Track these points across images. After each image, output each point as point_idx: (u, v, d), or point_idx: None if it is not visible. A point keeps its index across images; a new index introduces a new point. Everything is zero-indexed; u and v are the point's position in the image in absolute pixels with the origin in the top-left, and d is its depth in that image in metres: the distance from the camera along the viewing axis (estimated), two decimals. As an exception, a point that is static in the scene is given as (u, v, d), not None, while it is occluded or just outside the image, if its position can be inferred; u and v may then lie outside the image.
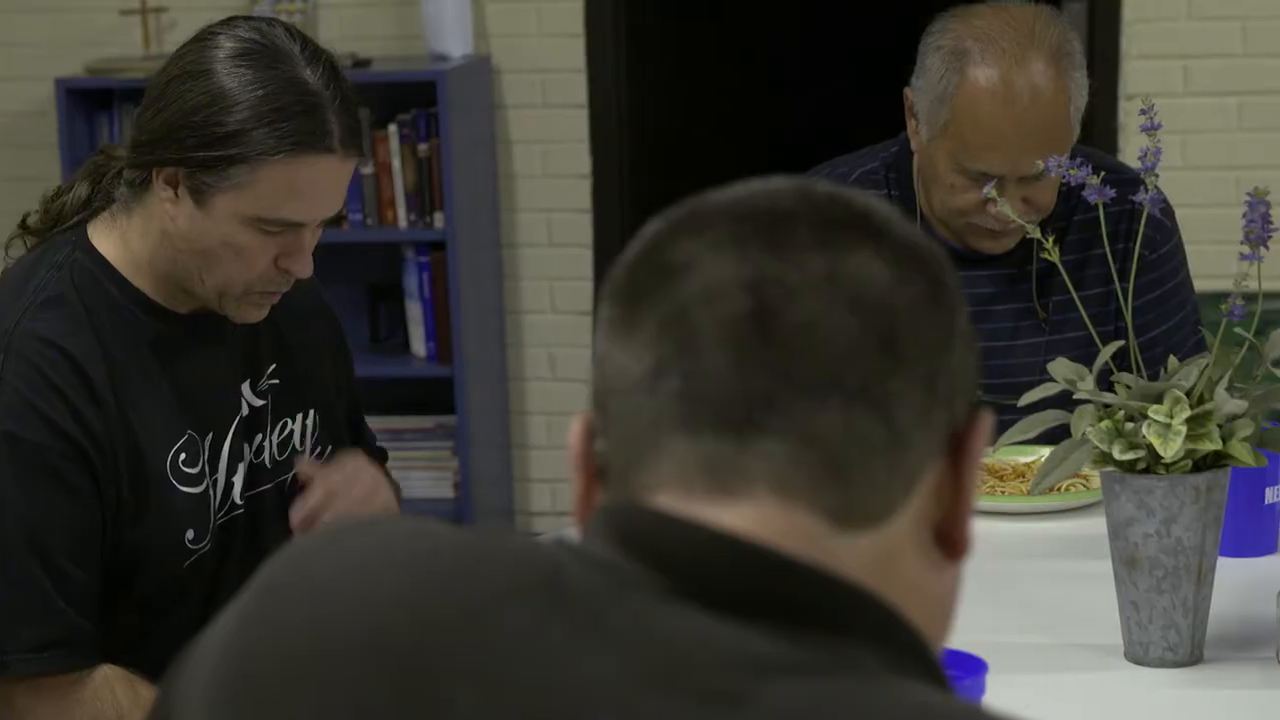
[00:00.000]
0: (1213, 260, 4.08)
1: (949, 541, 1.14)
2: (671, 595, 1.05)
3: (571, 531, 1.16)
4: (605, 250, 4.99)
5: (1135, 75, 4.77)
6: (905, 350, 1.10)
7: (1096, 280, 2.82)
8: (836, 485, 1.08)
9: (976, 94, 2.71)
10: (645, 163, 5.30)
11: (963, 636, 1.90)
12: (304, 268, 2.21)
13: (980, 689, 1.83)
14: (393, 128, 4.91)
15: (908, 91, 2.82)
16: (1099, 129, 4.68)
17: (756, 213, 1.12)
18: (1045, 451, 2.45)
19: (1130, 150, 4.61)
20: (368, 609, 1.08)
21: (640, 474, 1.09)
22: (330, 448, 2.41)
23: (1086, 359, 2.15)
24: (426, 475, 5.04)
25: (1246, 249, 2.07)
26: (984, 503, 2.62)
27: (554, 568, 1.07)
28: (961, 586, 1.17)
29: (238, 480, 2.30)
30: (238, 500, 2.30)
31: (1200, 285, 3.03)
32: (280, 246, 2.19)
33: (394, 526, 1.15)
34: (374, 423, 2.63)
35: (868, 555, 1.09)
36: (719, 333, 1.08)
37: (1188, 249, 3.02)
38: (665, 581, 1.05)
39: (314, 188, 2.17)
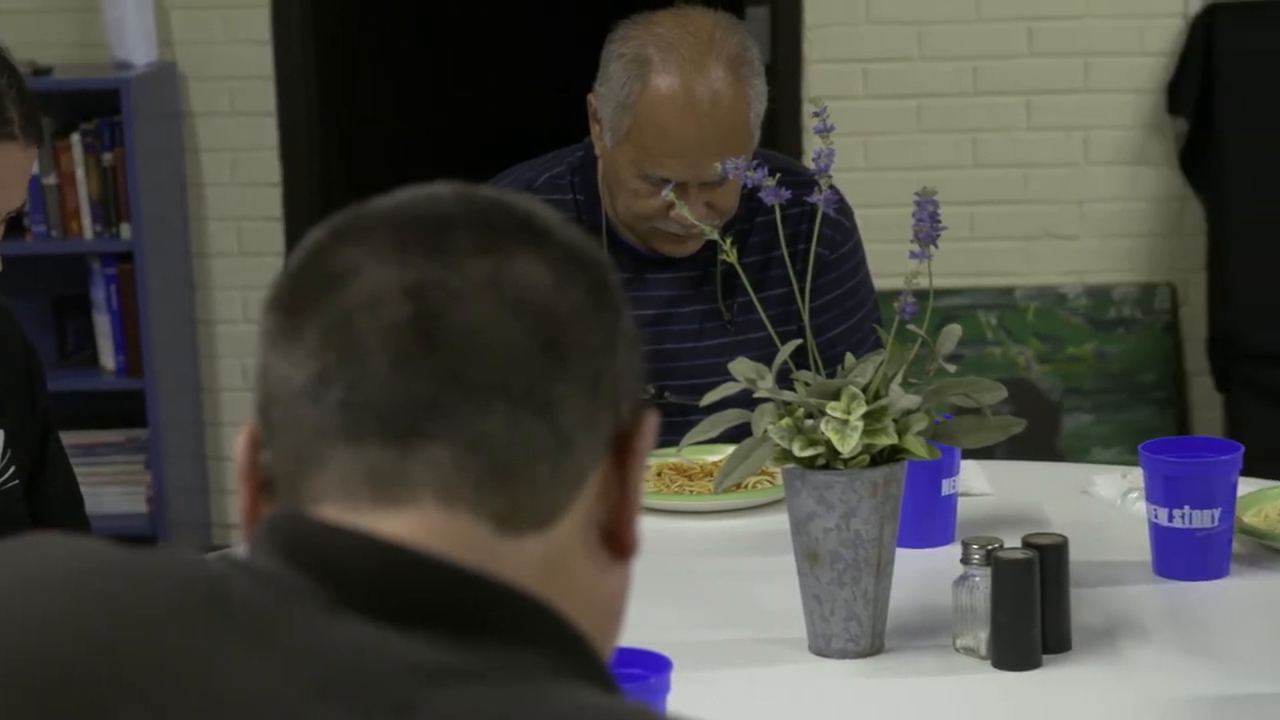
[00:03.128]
0: (896, 259, 4.15)
1: (616, 542, 1.16)
2: (337, 606, 1.05)
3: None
4: (298, 259, 4.93)
5: (817, 79, 4.86)
6: (569, 353, 1.11)
7: (779, 280, 2.86)
8: (502, 490, 1.09)
9: (658, 101, 2.75)
10: (338, 170, 5.27)
11: (649, 635, 1.93)
12: None
13: (665, 687, 1.85)
14: (75, 137, 4.81)
15: (591, 97, 2.84)
16: (783, 132, 4.76)
17: (418, 219, 1.12)
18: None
19: (813, 153, 4.70)
20: (27, 629, 1.06)
21: (306, 485, 1.09)
22: (16, 468, 2.36)
23: (769, 359, 2.18)
24: (119, 490, 4.95)
25: (916, 247, 2.12)
26: (672, 502, 2.65)
27: (218, 583, 1.06)
28: (630, 587, 1.19)
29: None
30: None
31: (884, 284, 3.10)
32: None
33: (55, 546, 1.13)
34: (64, 437, 2.57)
35: (534, 559, 1.10)
36: (381, 340, 1.08)
37: (871, 249, 3.08)
38: (331, 593, 1.05)
39: None
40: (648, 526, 2.68)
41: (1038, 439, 4.82)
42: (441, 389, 1.08)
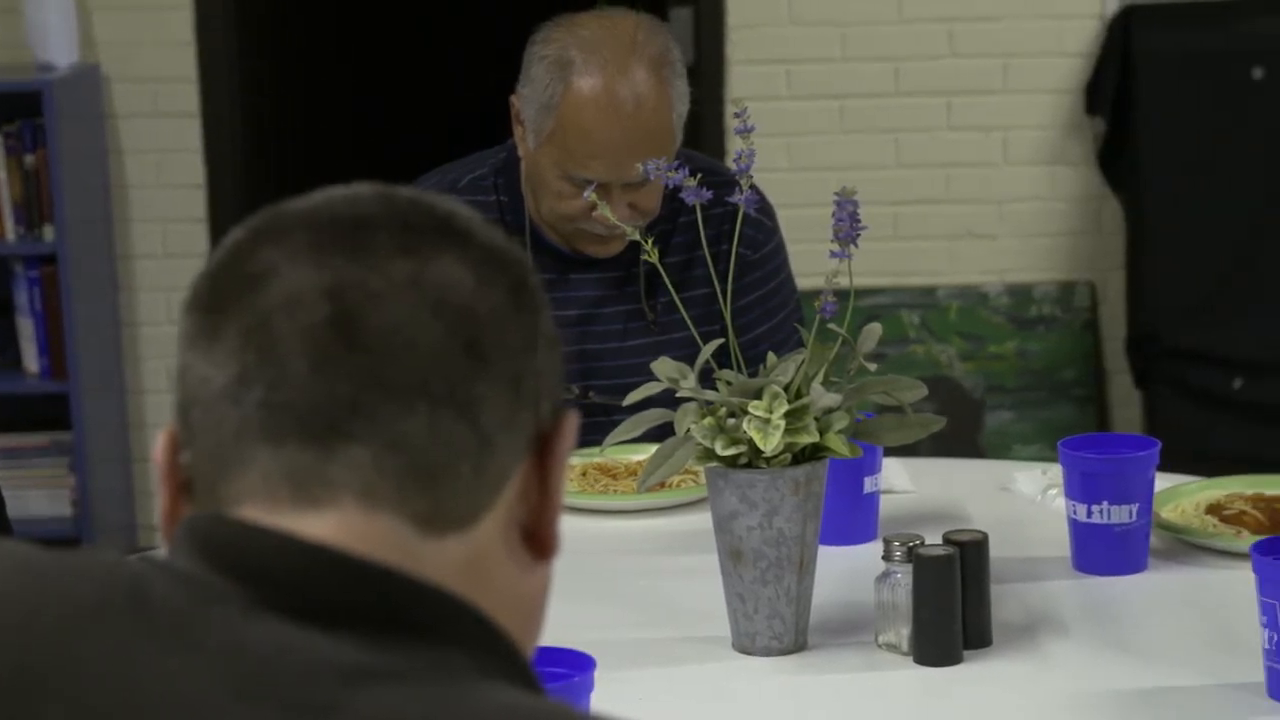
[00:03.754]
0: (819, 259, 4.15)
1: (538, 542, 1.16)
2: (257, 607, 1.05)
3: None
4: (222, 260, 4.91)
5: (740, 80, 4.89)
6: (490, 354, 1.11)
7: (702, 280, 2.88)
8: (423, 491, 1.09)
9: (580, 103, 2.76)
10: (262, 171, 5.26)
11: (572, 634, 1.94)
12: None
13: (589, 686, 1.86)
14: (-3, 139, 4.79)
15: (514, 99, 2.85)
16: (706, 133, 4.78)
17: (337, 220, 1.13)
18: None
19: (734, 153, 4.72)
20: None
21: (226, 486, 1.09)
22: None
23: (693, 358, 2.20)
24: (43, 493, 4.93)
25: (837, 247, 2.14)
26: (596, 502, 2.67)
27: (138, 584, 1.07)
28: (552, 587, 1.19)
29: None
30: None
31: (807, 283, 3.11)
32: None
33: None
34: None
35: (456, 559, 1.11)
36: (301, 341, 1.08)
37: (794, 249, 3.10)
38: (251, 593, 1.06)
39: None
40: (572, 526, 2.69)
41: (960, 436, 4.86)
42: (362, 389, 1.08)
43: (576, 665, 1.86)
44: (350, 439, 1.08)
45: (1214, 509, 2.50)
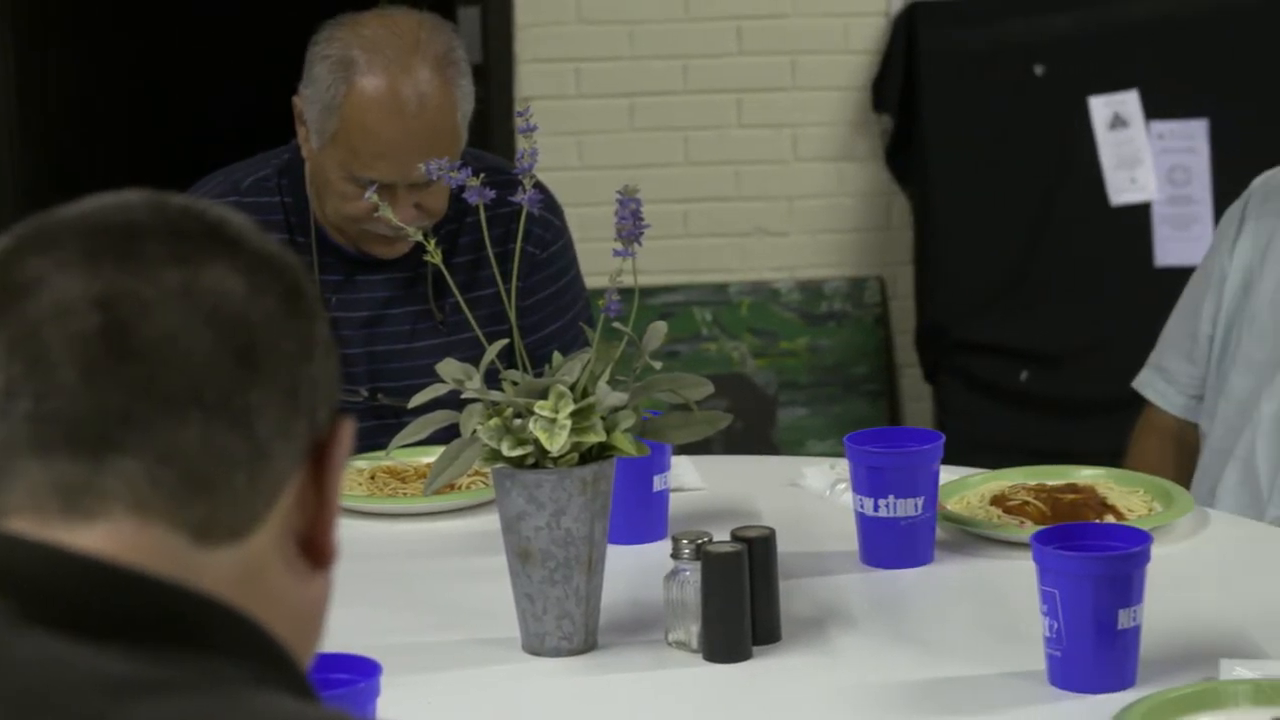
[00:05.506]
0: (612, 258, 4.20)
1: (315, 550, 1.16)
2: (24, 621, 1.03)
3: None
4: None
5: (529, 79, 4.88)
6: (263, 362, 1.10)
7: (491, 280, 2.86)
8: (197, 501, 1.08)
9: (364, 103, 2.74)
10: (40, 176, 5.17)
11: (359, 639, 1.93)
12: None
13: (374, 691, 1.84)
14: None
15: (296, 99, 2.82)
16: (496, 132, 4.77)
17: (107, 228, 1.11)
18: (445, 451, 2.49)
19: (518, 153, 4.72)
20: None
21: (-6, 500, 1.08)
22: None
23: (481, 359, 2.19)
24: None
25: (620, 245, 2.14)
26: (385, 505, 2.65)
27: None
28: (331, 595, 1.18)
29: None
30: None
31: (600, 282, 3.11)
32: None
33: None
34: None
35: (231, 570, 1.10)
36: (70, 351, 1.07)
37: (586, 247, 3.11)
38: (17, 607, 1.04)
39: None
40: (361, 530, 2.68)
41: (754, 433, 4.89)
42: (133, 400, 1.07)
43: (362, 670, 1.84)
44: (122, 450, 1.07)
45: (998, 500, 2.53)
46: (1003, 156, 4.83)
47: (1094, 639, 1.99)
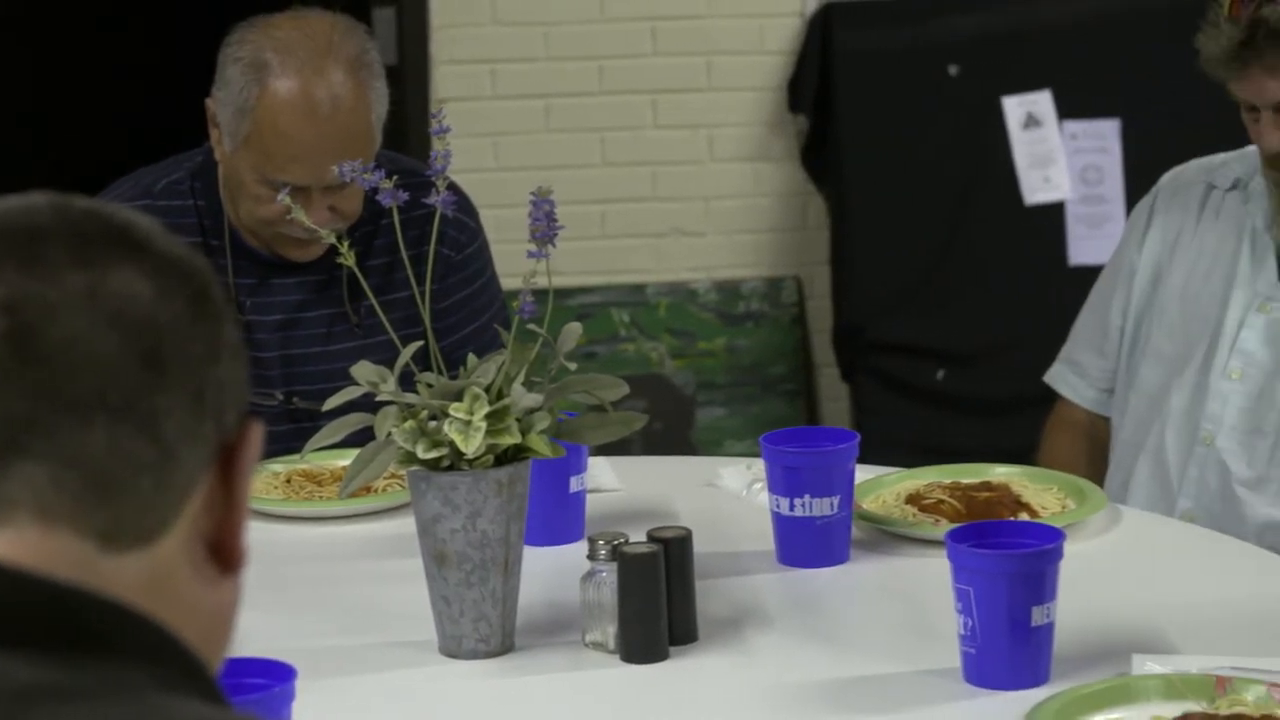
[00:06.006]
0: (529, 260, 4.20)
1: (224, 554, 1.15)
2: (-74, 628, 1.03)
3: None
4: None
5: (445, 80, 4.87)
6: (170, 365, 1.10)
7: (406, 282, 2.85)
8: (103, 506, 1.07)
9: (277, 106, 2.73)
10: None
11: (275, 643, 1.92)
12: None
13: (289, 696, 1.83)
14: None
15: (209, 102, 2.81)
16: (413, 134, 4.75)
17: (11, 231, 1.10)
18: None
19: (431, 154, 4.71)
20: None
21: (-104, 506, 1.07)
22: None
23: (396, 361, 2.18)
24: None
25: (534, 247, 2.14)
26: (301, 509, 2.64)
27: None
28: (240, 599, 1.18)
29: None
30: None
31: (518, 284, 3.11)
32: None
33: None
34: None
35: (139, 575, 1.09)
36: None
37: (503, 249, 3.10)
38: (-81, 615, 1.03)
39: None
40: (277, 534, 2.67)
41: (673, 434, 4.89)
42: (38, 405, 1.06)
43: (276, 675, 1.83)
44: (26, 455, 1.06)
45: (913, 499, 2.55)
46: (918, 156, 4.85)
47: (1008, 636, 2.00)
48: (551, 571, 2.36)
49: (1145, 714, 1.91)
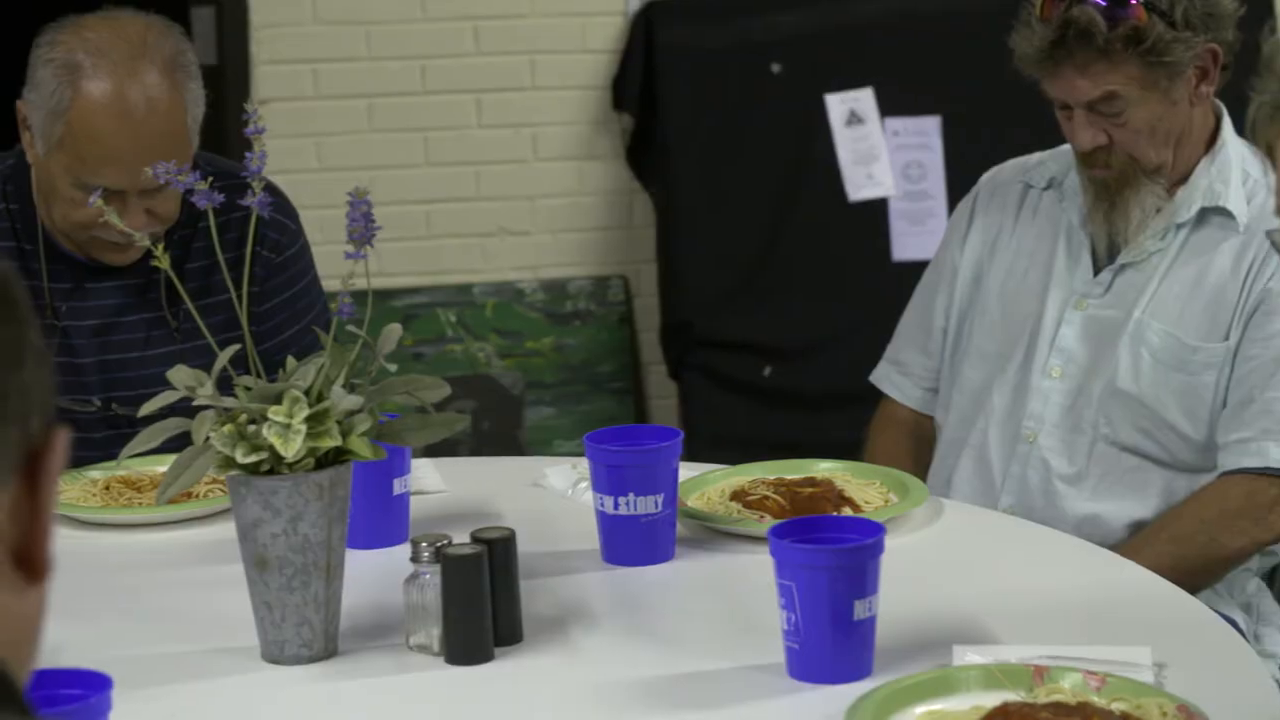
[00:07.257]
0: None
1: (30, 563, 1.13)
2: None
3: None
4: None
5: (266, 80, 4.83)
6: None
7: (226, 285, 2.83)
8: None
9: (90, 108, 2.69)
10: None
11: (91, 654, 1.90)
12: None
13: (105, 706, 1.80)
14: None
15: (20, 104, 2.76)
16: (234, 136, 4.70)
17: None
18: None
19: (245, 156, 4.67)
20: None
21: None
22: None
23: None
24: None
25: (352, 248, 2.13)
26: (120, 515, 2.60)
27: None
28: (48, 608, 1.16)
29: None
30: None
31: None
32: None
33: None
34: None
35: (-59, 584, 1.07)
36: None
37: (328, 251, 3.08)
38: None
39: None
40: (95, 542, 2.63)
41: (502, 434, 4.88)
42: None
43: (92, 685, 1.80)
44: None
45: (738, 495, 2.55)
46: (742, 154, 4.88)
47: (830, 630, 2.02)
48: (375, 575, 2.34)
49: (966, 703, 1.92)
